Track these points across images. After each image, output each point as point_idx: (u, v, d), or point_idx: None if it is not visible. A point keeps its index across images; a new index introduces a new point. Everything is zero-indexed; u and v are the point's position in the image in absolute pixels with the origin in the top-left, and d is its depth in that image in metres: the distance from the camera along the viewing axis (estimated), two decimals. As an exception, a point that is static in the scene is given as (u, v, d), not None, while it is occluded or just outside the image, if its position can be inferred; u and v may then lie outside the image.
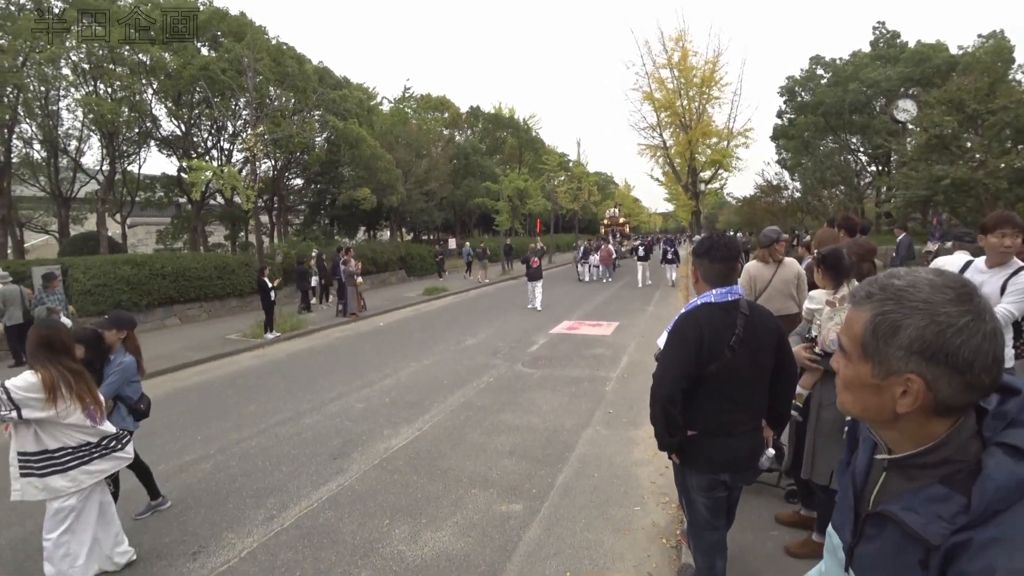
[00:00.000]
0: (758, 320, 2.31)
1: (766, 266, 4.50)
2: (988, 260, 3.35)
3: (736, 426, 2.32)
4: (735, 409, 2.32)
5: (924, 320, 0.83)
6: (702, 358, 2.21)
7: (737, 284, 2.35)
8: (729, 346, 2.21)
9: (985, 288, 3.30)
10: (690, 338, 2.22)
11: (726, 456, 2.34)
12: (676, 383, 2.23)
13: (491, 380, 7.36)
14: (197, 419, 6.30)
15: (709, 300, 2.30)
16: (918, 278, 0.87)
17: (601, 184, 58.28)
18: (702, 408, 2.30)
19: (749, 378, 2.29)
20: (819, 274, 2.99)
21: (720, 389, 2.27)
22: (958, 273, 3.17)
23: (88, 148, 18.69)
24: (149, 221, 27.64)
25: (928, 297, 0.84)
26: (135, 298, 12.92)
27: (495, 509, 3.94)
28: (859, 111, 28.72)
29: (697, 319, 2.26)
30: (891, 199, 17.51)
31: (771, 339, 2.33)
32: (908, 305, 0.85)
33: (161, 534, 3.80)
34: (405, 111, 35.79)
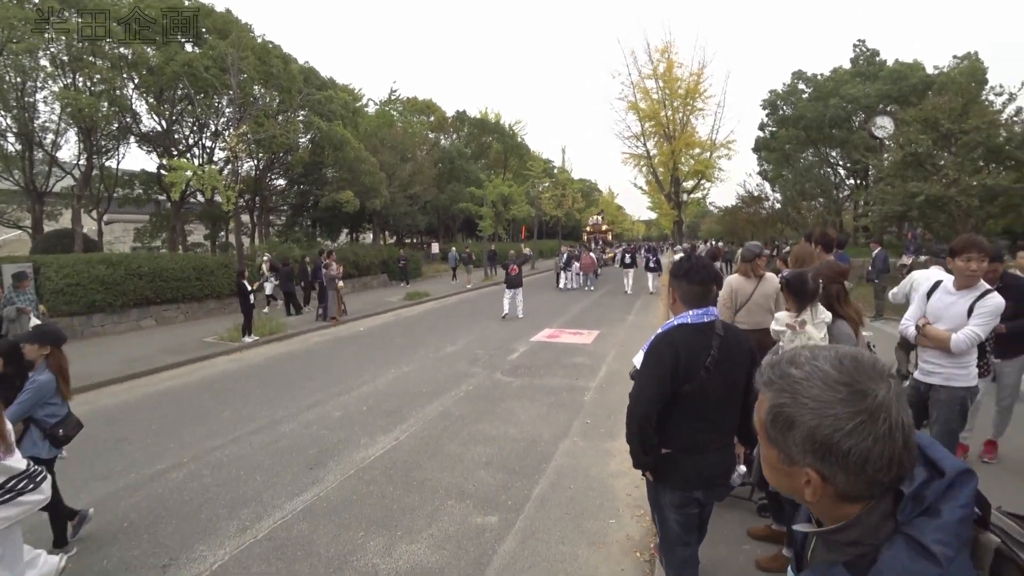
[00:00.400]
0: (732, 341, 2.38)
1: (747, 280, 4.58)
2: (956, 282, 3.44)
3: (709, 444, 2.38)
4: (708, 428, 2.37)
5: (814, 420, 0.83)
6: (678, 378, 2.26)
7: (713, 306, 2.40)
8: (704, 367, 2.26)
9: (953, 309, 3.43)
10: (666, 359, 2.27)
11: (699, 473, 2.39)
12: (652, 403, 2.28)
13: (470, 389, 7.36)
14: (171, 425, 6.21)
15: (686, 321, 2.35)
16: (815, 370, 0.86)
17: (585, 191, 58.67)
18: (676, 426, 2.35)
19: (722, 398, 2.35)
20: (784, 296, 3.07)
21: (694, 408, 2.33)
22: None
23: (65, 142, 18.20)
24: (127, 218, 27.09)
25: (818, 395, 0.83)
26: (109, 298, 12.66)
27: (471, 521, 3.95)
28: (839, 126, 29.42)
29: (673, 340, 2.31)
30: (868, 213, 17.91)
31: (744, 359, 2.40)
32: (800, 401, 0.84)
33: (131, 546, 3.74)
34: (391, 114, 35.65)
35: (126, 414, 6.80)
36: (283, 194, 26.35)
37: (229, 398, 7.28)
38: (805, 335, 2.94)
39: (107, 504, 4.35)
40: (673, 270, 2.44)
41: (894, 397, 0.82)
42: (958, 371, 3.43)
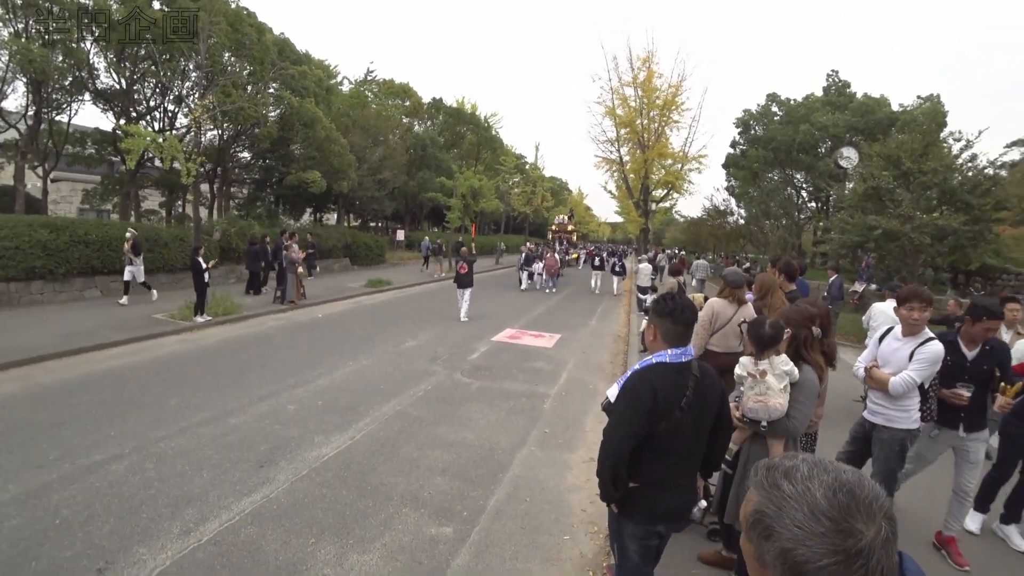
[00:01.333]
0: (707, 382, 2.41)
1: (728, 305, 4.70)
2: (902, 330, 3.69)
3: (676, 480, 2.42)
4: (676, 465, 2.41)
5: (790, 544, 0.85)
6: (654, 417, 2.27)
7: (690, 346, 2.42)
8: (680, 407, 2.29)
9: (898, 354, 3.65)
10: (644, 398, 2.28)
11: (664, 508, 2.43)
12: (627, 441, 2.29)
13: (429, 388, 7.29)
14: (112, 411, 5.90)
15: (664, 360, 2.36)
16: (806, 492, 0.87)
17: (555, 190, 58.83)
18: (646, 462, 2.38)
19: (692, 436, 2.39)
20: (749, 344, 3.13)
21: (665, 446, 2.35)
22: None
23: (12, 91, 17.03)
24: (76, 178, 25.64)
25: (801, 522, 0.84)
26: (51, 265, 11.99)
27: (425, 531, 3.90)
28: (807, 151, 30.55)
29: (651, 379, 2.32)
30: (828, 240, 18.62)
31: (715, 401, 2.45)
32: (782, 520, 0.86)
33: (63, 547, 3.52)
34: (366, 95, 34.93)
35: (64, 395, 6.44)
36: (247, 167, 25.45)
37: (177, 383, 6.99)
38: (764, 384, 3.00)
39: (38, 497, 4.10)
40: (657, 308, 2.43)
41: (880, 542, 0.83)
42: (899, 413, 3.65)
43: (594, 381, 8.16)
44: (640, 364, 2.47)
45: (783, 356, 3.05)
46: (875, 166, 15.96)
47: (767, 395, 2.98)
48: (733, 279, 4.82)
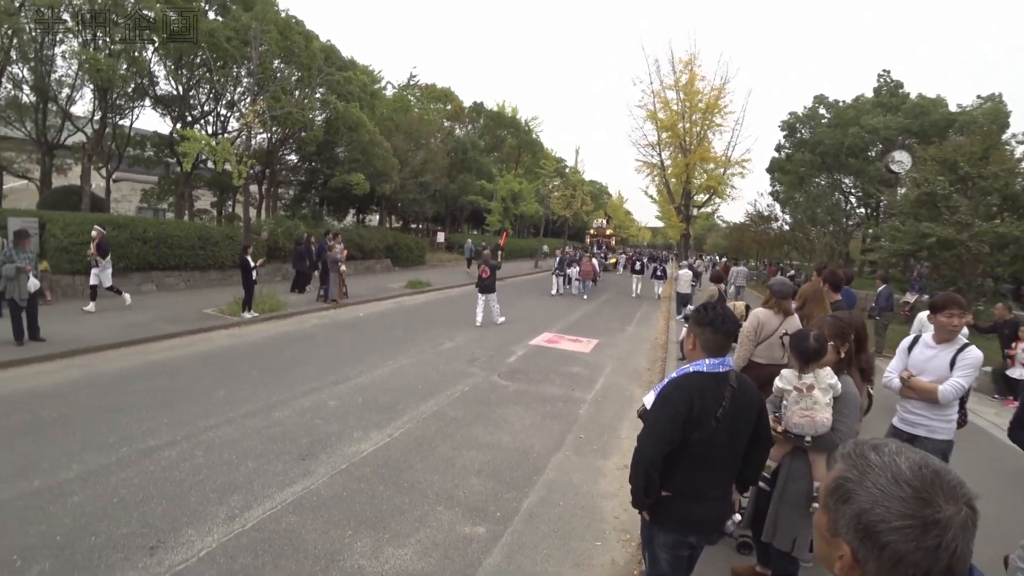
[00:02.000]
0: (743, 393, 2.37)
1: (774, 315, 4.58)
2: (936, 336, 3.66)
3: (709, 491, 2.39)
4: (710, 475, 2.38)
5: (867, 503, 0.86)
6: (689, 426, 2.26)
7: (730, 356, 2.40)
8: (716, 417, 2.26)
9: (935, 362, 3.59)
10: (679, 407, 2.27)
11: (696, 519, 2.40)
12: (660, 449, 2.28)
13: (466, 389, 7.37)
14: (165, 400, 6.21)
15: (701, 369, 2.34)
16: (892, 463, 0.88)
17: (595, 193, 58.49)
18: (679, 471, 2.35)
19: (727, 448, 2.36)
20: (792, 358, 3.04)
21: (700, 456, 2.33)
22: None
23: (80, 98, 18.15)
24: (135, 178, 26.98)
25: (884, 486, 0.86)
26: (112, 260, 12.60)
27: (459, 530, 3.96)
28: (856, 155, 29.36)
29: (688, 388, 2.30)
30: (877, 248, 17.87)
31: (752, 412, 2.40)
32: (864, 483, 0.88)
33: (119, 524, 3.74)
34: (408, 99, 35.56)
35: (121, 383, 6.81)
36: (294, 170, 26.26)
37: (225, 376, 7.29)
38: (811, 399, 2.91)
39: (99, 476, 4.36)
40: (698, 317, 2.42)
41: (959, 523, 0.83)
42: (942, 424, 3.59)
43: (631, 388, 8.09)
44: (677, 372, 2.47)
45: (827, 369, 2.96)
46: (929, 170, 15.24)
47: (814, 410, 2.90)
48: (780, 289, 4.69)
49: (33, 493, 4.07)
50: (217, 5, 18.21)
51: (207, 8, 18.01)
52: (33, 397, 6.14)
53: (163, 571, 3.29)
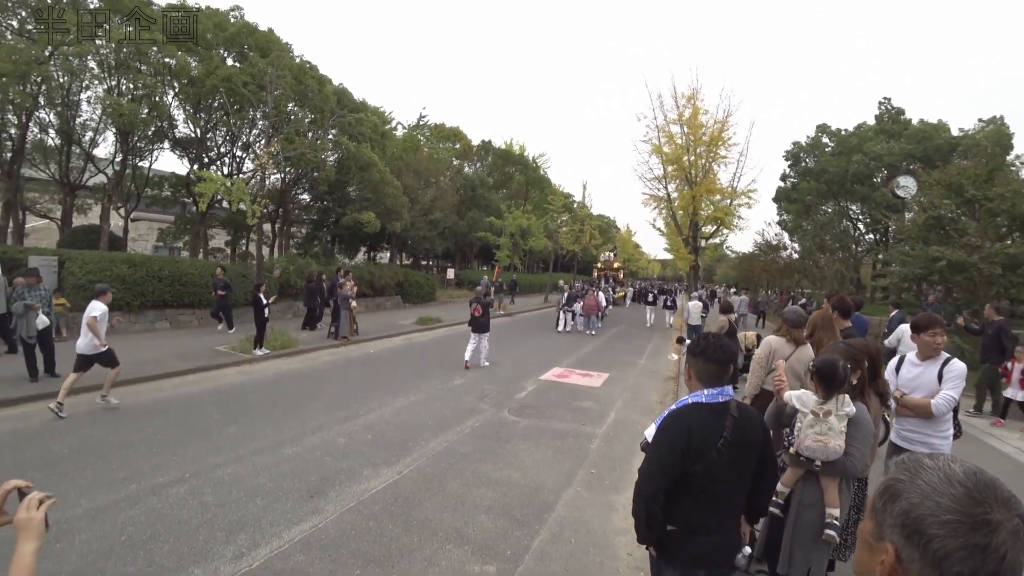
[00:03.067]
0: (746, 423, 2.34)
1: (786, 343, 4.55)
2: (921, 354, 3.88)
3: (716, 525, 2.34)
4: (716, 507, 2.33)
5: (916, 499, 0.85)
6: (688, 459, 2.23)
7: (729, 385, 2.38)
8: (716, 448, 2.23)
9: (923, 378, 3.79)
10: (678, 439, 2.24)
11: (704, 553, 2.34)
12: (660, 481, 2.25)
13: (476, 425, 7.31)
14: (175, 436, 6.22)
15: (700, 400, 2.32)
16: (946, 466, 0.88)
17: (603, 227, 58.86)
18: (684, 505, 2.31)
19: (732, 478, 2.32)
20: (815, 385, 3.00)
21: (703, 488, 2.29)
22: None
23: (102, 141, 18.81)
24: (153, 217, 27.64)
25: (935, 483, 0.85)
26: (128, 298, 12.88)
27: (468, 569, 3.88)
28: (861, 182, 29.42)
29: (687, 420, 2.28)
30: (888, 274, 17.75)
31: (757, 441, 2.36)
32: (915, 482, 0.87)
33: (125, 562, 3.71)
34: (418, 138, 36.35)
35: (133, 419, 6.84)
36: (306, 208, 26.76)
37: (235, 413, 7.29)
38: (826, 424, 2.89)
39: (107, 514, 4.35)
40: (690, 347, 2.43)
41: (1011, 530, 0.81)
42: (939, 439, 3.72)
43: (642, 421, 7.97)
44: (676, 404, 2.45)
45: (846, 397, 2.94)
46: (936, 195, 15.25)
47: (828, 436, 2.87)
48: (793, 318, 4.66)
49: (42, 532, 4.05)
50: (235, 52, 18.95)
51: (225, 55, 18.74)
52: (46, 432, 6.19)
53: (169, 612, 3.24)
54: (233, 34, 18.26)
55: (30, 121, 16.40)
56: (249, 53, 18.56)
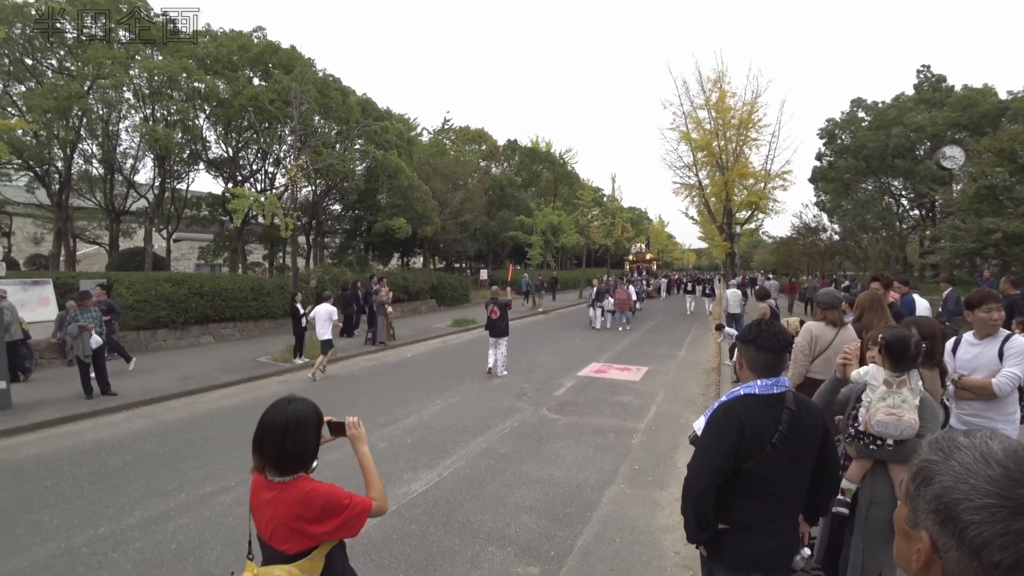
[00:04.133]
0: (804, 416, 2.17)
1: (828, 328, 4.34)
2: (978, 333, 3.63)
3: (771, 524, 2.18)
4: (771, 506, 2.18)
5: (950, 482, 0.77)
6: (741, 454, 2.09)
7: (785, 375, 2.23)
8: (771, 443, 2.08)
9: (983, 357, 3.53)
10: (729, 434, 2.10)
11: (758, 554, 2.19)
12: (710, 480, 2.12)
13: (515, 425, 7.25)
14: (221, 446, 6.37)
15: (753, 391, 2.17)
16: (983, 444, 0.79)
17: (635, 220, 58.10)
18: (736, 503, 2.17)
19: (789, 475, 2.16)
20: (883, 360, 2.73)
21: (757, 486, 2.14)
22: None
23: (142, 167, 19.63)
24: (193, 237, 28.69)
25: (969, 464, 0.77)
26: (173, 315, 13.32)
27: (512, 571, 3.81)
28: (902, 155, 28.10)
29: (738, 414, 2.14)
30: (938, 250, 16.89)
31: (816, 436, 2.19)
32: (949, 463, 0.79)
33: (176, 570, 3.80)
34: (444, 142, 36.61)
35: (182, 431, 7.04)
36: (338, 219, 27.28)
37: (278, 421, 7.41)
38: (900, 396, 2.63)
39: (159, 523, 4.47)
40: (742, 334, 2.28)
41: None
42: (1004, 423, 3.44)
43: (684, 415, 7.78)
44: (727, 396, 2.30)
45: (916, 373, 2.69)
46: (986, 163, 14.40)
47: (902, 408, 2.58)
48: (825, 300, 4.43)
49: (99, 539, 4.21)
50: (260, 71, 19.43)
51: (251, 75, 19.24)
52: (101, 447, 6.42)
53: (218, 620, 3.29)
54: (257, 54, 18.73)
55: (74, 153, 17.19)
56: (273, 71, 19.00)
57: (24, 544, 4.18)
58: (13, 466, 5.87)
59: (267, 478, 1.96)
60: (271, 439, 1.94)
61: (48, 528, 4.42)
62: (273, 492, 1.92)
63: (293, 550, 1.90)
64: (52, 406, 7.96)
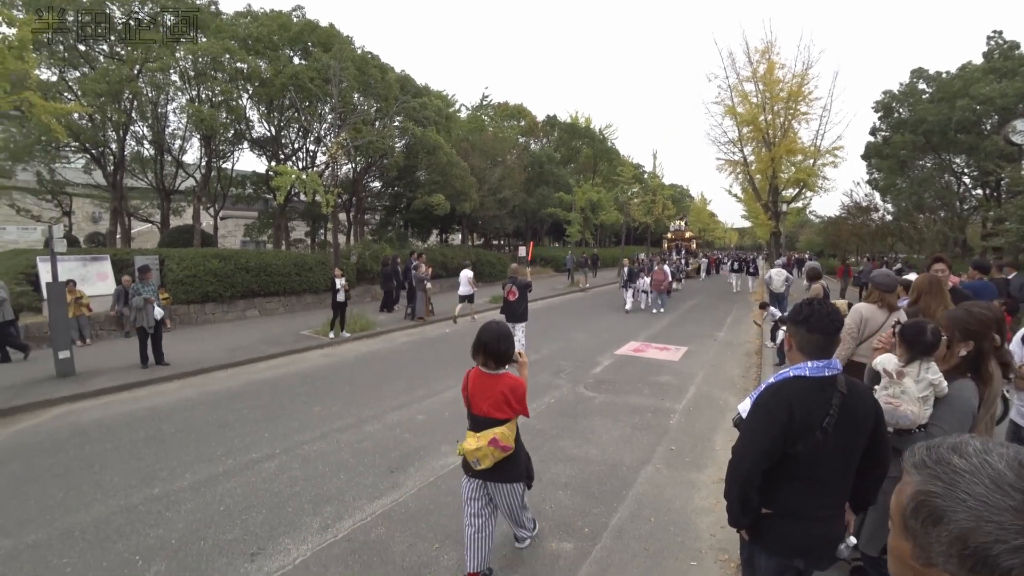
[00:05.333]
0: (856, 400, 2.07)
1: (878, 310, 4.15)
2: None
3: (817, 510, 2.10)
4: (818, 492, 2.10)
5: (969, 523, 0.69)
6: (789, 438, 2.01)
7: (835, 358, 2.12)
8: (821, 427, 2.00)
9: None
10: (777, 417, 2.02)
11: (802, 541, 2.13)
12: (757, 463, 2.05)
13: (552, 401, 7.26)
14: (266, 415, 6.61)
15: (803, 374, 2.08)
16: (984, 465, 0.72)
17: (676, 197, 56.73)
18: (781, 488, 2.10)
19: (838, 461, 2.07)
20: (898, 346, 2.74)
21: (805, 471, 2.06)
22: None
23: (189, 147, 20.22)
24: (238, 215, 29.49)
25: (983, 496, 0.69)
26: (220, 289, 13.82)
27: (545, 546, 3.84)
28: (967, 130, 26.27)
29: (787, 396, 2.05)
30: (1003, 232, 15.87)
31: (868, 422, 2.09)
32: (957, 496, 0.71)
33: (225, 530, 3.98)
34: (482, 119, 36.34)
35: (229, 400, 7.33)
36: (378, 195, 27.58)
37: (319, 394, 7.65)
38: (900, 387, 2.64)
39: (208, 486, 4.69)
40: (792, 314, 2.18)
41: None
42: None
43: (724, 396, 7.62)
44: (776, 377, 2.21)
45: (933, 366, 2.64)
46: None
47: (900, 399, 2.62)
48: (883, 282, 4.21)
49: (154, 499, 4.46)
50: (300, 50, 19.60)
51: (291, 55, 19.43)
52: (155, 413, 6.77)
53: (262, 579, 3.44)
54: (297, 33, 18.86)
55: (127, 135, 17.83)
56: (313, 49, 19.13)
57: (88, 501, 4.45)
58: (78, 429, 6.25)
59: (486, 371, 3.20)
60: (492, 344, 3.14)
61: (109, 487, 4.70)
62: (490, 380, 3.18)
63: (503, 416, 3.16)
64: (111, 374, 8.41)
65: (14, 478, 4.92)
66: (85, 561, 3.64)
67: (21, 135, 15.39)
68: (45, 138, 14.93)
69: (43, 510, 4.31)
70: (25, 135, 15.35)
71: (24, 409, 6.92)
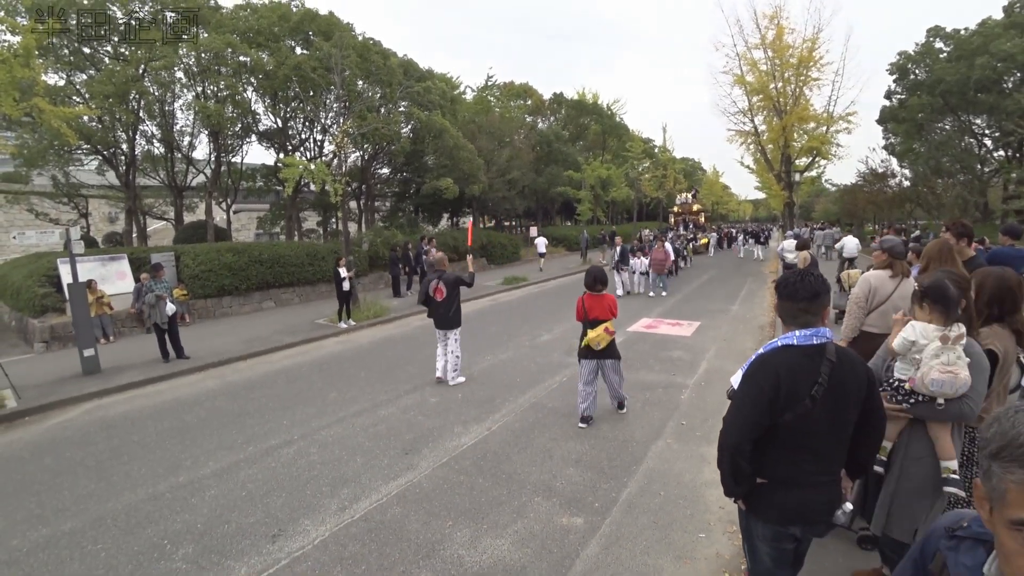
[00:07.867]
0: (847, 368, 2.08)
1: (889, 278, 4.09)
2: None
3: (810, 478, 2.14)
4: (810, 460, 2.13)
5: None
6: (777, 407, 2.04)
7: (824, 325, 2.14)
8: (810, 395, 2.02)
9: None
10: (764, 386, 2.06)
11: (797, 508, 2.17)
12: (745, 433, 2.09)
13: (563, 380, 7.34)
14: (284, 403, 6.78)
15: (791, 343, 2.11)
16: None
17: (687, 171, 56.00)
18: (774, 457, 2.14)
19: (829, 429, 2.09)
20: (923, 312, 2.60)
21: (795, 439, 2.10)
22: None
23: (198, 143, 20.37)
24: (250, 208, 29.76)
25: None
26: (236, 282, 14.05)
27: (556, 521, 3.94)
28: (987, 89, 25.46)
29: (774, 365, 2.08)
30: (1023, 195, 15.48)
31: (859, 390, 2.09)
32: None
33: (247, 514, 4.14)
34: (488, 100, 36.07)
35: (248, 390, 7.52)
36: (387, 182, 27.62)
37: (335, 380, 7.81)
38: (955, 352, 2.46)
39: (231, 472, 4.86)
40: (776, 287, 2.21)
41: None
42: None
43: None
44: (764, 348, 2.25)
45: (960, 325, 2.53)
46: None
47: (957, 365, 2.43)
48: (893, 247, 4.16)
49: (179, 487, 4.64)
50: (301, 40, 19.56)
51: (293, 45, 19.40)
52: (178, 405, 6.98)
53: (283, 557, 3.59)
54: (297, 23, 18.80)
55: (136, 134, 18.00)
56: (313, 39, 19.06)
57: (118, 490, 4.64)
58: (106, 423, 6.48)
59: (594, 293, 5.53)
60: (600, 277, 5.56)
61: (137, 477, 4.89)
62: (599, 298, 5.52)
63: (605, 317, 5.49)
64: (134, 369, 8.65)
65: (49, 471, 5.14)
66: (118, 546, 3.81)
67: (34, 141, 15.65)
68: (57, 142, 15.17)
69: (77, 500, 4.51)
70: (38, 140, 15.61)
71: (54, 406, 7.17)
